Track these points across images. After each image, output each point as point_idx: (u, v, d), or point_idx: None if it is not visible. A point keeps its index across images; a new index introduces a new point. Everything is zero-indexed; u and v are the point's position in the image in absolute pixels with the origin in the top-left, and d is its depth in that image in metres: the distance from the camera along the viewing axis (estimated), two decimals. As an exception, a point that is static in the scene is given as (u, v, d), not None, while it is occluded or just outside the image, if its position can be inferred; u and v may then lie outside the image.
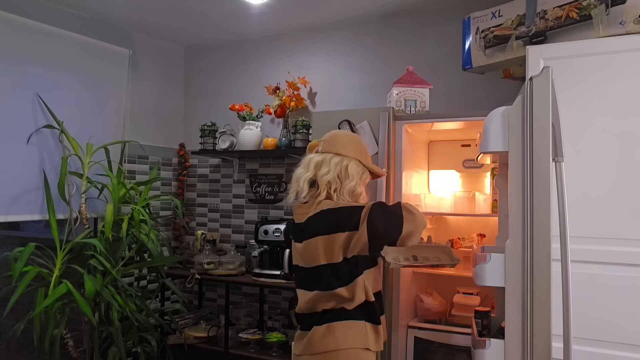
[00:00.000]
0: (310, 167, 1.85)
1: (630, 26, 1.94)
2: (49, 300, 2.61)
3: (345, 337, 1.72)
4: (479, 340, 1.77)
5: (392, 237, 1.71)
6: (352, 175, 1.81)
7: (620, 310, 1.89)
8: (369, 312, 1.77)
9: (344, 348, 1.71)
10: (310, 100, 3.64)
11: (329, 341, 1.72)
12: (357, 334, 1.73)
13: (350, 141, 1.88)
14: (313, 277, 1.80)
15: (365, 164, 1.87)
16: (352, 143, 1.87)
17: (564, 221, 1.59)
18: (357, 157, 1.85)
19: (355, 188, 1.82)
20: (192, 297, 4.04)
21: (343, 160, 1.82)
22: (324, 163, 1.82)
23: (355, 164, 1.84)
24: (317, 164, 1.83)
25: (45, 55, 3.10)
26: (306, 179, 1.83)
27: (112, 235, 3.00)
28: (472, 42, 2.47)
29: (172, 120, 4.10)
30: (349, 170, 1.81)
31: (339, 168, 1.81)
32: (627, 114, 1.93)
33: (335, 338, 1.72)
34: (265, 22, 3.53)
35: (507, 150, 1.68)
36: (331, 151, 1.84)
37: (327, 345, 1.72)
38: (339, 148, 1.84)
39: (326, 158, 1.83)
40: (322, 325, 1.75)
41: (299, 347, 1.81)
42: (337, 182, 1.80)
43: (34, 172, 3.02)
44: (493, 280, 1.70)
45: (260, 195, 3.81)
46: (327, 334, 1.73)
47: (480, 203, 2.85)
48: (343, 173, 1.81)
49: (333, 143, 1.86)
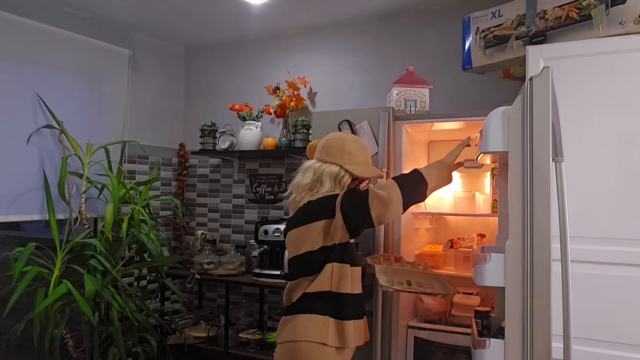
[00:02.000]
0: (300, 173, 1.97)
1: (630, 26, 1.94)
2: (49, 300, 2.61)
3: (301, 329, 1.78)
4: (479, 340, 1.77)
5: (364, 220, 1.77)
6: (325, 181, 1.89)
7: (620, 310, 1.89)
8: (336, 306, 1.80)
9: (298, 340, 1.77)
10: (310, 100, 3.64)
11: (287, 332, 1.81)
12: (314, 327, 1.77)
13: (335, 145, 1.93)
14: (292, 267, 1.91)
15: (347, 168, 1.90)
16: (336, 147, 1.93)
17: (564, 221, 1.59)
18: (338, 162, 1.90)
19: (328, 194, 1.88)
20: (192, 297, 4.04)
21: (322, 166, 1.91)
22: (309, 169, 1.94)
23: (333, 169, 1.90)
24: (304, 170, 1.96)
25: (45, 55, 3.10)
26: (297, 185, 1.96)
27: (112, 235, 3.00)
28: (472, 42, 2.47)
29: (172, 120, 4.10)
30: (323, 177, 1.89)
31: (317, 174, 1.91)
32: (627, 113, 1.93)
33: (294, 329, 1.79)
34: (265, 22, 3.53)
35: (507, 150, 1.68)
36: (318, 158, 1.96)
37: (286, 336, 1.81)
38: (324, 154, 1.94)
39: (313, 165, 1.94)
40: (288, 315, 1.85)
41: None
42: (316, 186, 1.90)
43: (34, 172, 3.02)
44: (493, 280, 1.70)
45: (260, 195, 3.81)
46: (288, 324, 1.82)
47: (480, 203, 2.85)
48: (319, 179, 1.90)
49: (320, 150, 1.97)
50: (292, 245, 1.90)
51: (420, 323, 2.68)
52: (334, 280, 1.80)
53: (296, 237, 1.87)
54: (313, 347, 1.75)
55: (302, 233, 1.84)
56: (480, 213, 2.82)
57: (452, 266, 2.87)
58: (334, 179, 1.90)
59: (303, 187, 1.92)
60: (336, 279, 1.81)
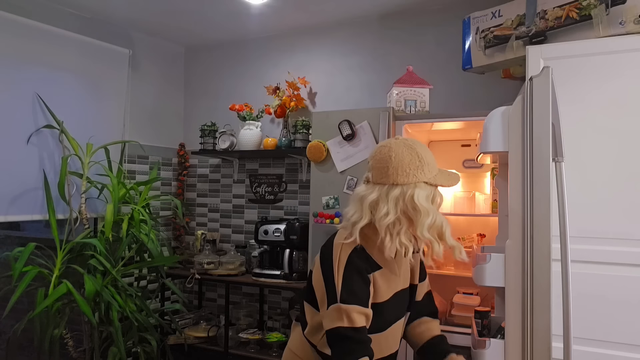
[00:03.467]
0: (364, 210, 1.44)
1: (630, 26, 1.94)
2: (49, 300, 2.61)
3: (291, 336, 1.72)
4: (479, 340, 1.77)
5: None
6: (424, 207, 1.39)
7: (620, 310, 1.89)
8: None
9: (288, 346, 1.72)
10: (310, 100, 3.64)
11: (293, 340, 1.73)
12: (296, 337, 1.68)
13: (409, 160, 1.43)
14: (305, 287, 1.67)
15: (433, 182, 1.45)
16: (411, 162, 1.42)
17: (564, 221, 1.59)
18: (421, 178, 1.42)
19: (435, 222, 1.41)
20: (192, 297, 4.04)
21: (404, 190, 1.41)
22: (381, 201, 1.42)
23: (421, 189, 1.42)
24: (372, 205, 1.43)
25: (45, 55, 3.10)
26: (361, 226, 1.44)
27: (112, 235, 3.00)
28: (472, 42, 2.47)
29: (172, 120, 4.10)
30: (416, 202, 1.39)
31: (401, 204, 1.41)
32: (628, 113, 1.93)
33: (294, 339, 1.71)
34: (265, 22, 3.53)
35: (507, 150, 1.68)
36: (386, 182, 1.43)
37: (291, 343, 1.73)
38: (396, 176, 1.41)
39: (382, 194, 1.42)
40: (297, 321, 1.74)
41: None
42: (401, 221, 1.42)
43: (34, 172, 3.02)
44: (493, 280, 1.70)
45: (260, 195, 3.81)
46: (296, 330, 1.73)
47: (480, 203, 2.85)
48: (410, 208, 1.40)
49: (385, 170, 1.43)
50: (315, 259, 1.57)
51: (420, 323, 2.68)
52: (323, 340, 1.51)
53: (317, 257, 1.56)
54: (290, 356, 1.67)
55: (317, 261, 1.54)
56: (480, 213, 2.82)
57: (452, 266, 2.87)
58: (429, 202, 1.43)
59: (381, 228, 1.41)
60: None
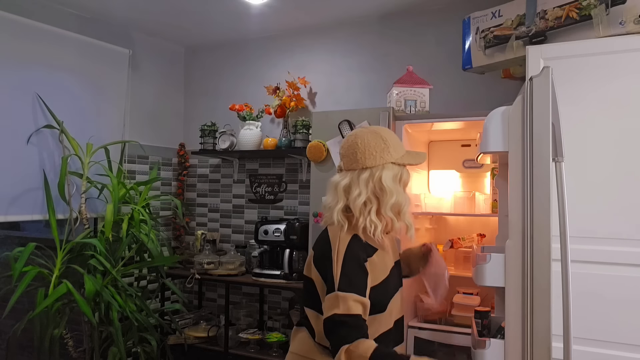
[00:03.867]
0: (339, 194, 1.55)
1: (630, 26, 1.94)
2: (49, 300, 2.61)
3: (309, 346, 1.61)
4: (479, 340, 1.77)
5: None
6: (390, 188, 1.52)
7: (620, 310, 1.89)
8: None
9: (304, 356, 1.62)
10: (310, 100, 3.64)
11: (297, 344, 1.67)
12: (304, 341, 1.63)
13: (374, 144, 1.55)
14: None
15: (400, 161, 1.57)
16: (376, 146, 1.55)
17: (564, 221, 1.59)
18: (388, 159, 1.54)
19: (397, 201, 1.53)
20: (192, 297, 4.04)
21: (373, 173, 1.53)
22: (353, 185, 1.53)
23: (389, 170, 1.54)
24: (345, 189, 1.55)
25: (45, 55, 3.10)
26: (339, 210, 1.54)
27: (112, 235, 3.00)
28: (472, 42, 2.47)
29: (172, 120, 4.10)
30: (384, 183, 1.52)
31: (371, 185, 1.53)
32: (628, 113, 1.93)
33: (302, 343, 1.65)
34: (265, 22, 3.53)
35: (507, 150, 1.68)
36: (355, 168, 1.55)
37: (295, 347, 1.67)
38: (364, 160, 1.54)
39: (353, 178, 1.54)
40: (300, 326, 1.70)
41: None
42: (372, 201, 1.53)
43: (34, 172, 3.02)
44: (493, 280, 1.70)
45: (260, 195, 3.81)
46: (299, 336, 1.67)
47: (480, 203, 2.85)
48: (378, 189, 1.53)
49: (354, 157, 1.56)
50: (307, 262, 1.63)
51: (420, 323, 2.68)
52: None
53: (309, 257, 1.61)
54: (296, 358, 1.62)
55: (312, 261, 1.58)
56: (480, 213, 2.82)
57: (452, 266, 2.87)
58: (395, 182, 1.55)
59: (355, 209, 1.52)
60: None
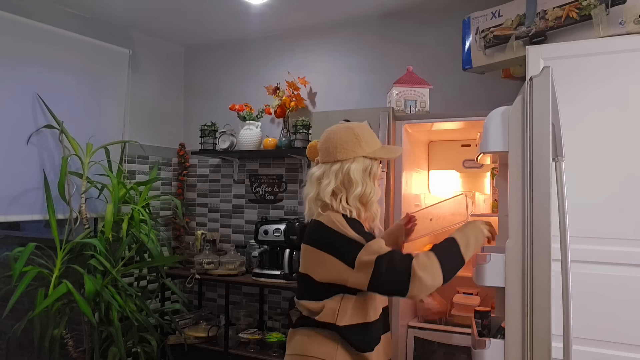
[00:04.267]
0: (313, 184, 1.69)
1: (630, 26, 1.94)
2: (49, 300, 2.61)
3: (309, 345, 1.63)
4: (479, 340, 1.77)
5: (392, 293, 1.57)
6: (356, 179, 1.63)
7: (620, 310, 1.89)
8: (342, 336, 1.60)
9: (305, 355, 1.63)
10: (310, 100, 3.64)
11: (296, 345, 1.68)
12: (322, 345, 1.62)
13: (347, 138, 1.66)
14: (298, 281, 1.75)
15: (372, 155, 1.67)
16: (348, 140, 1.66)
17: (564, 221, 1.59)
18: (359, 153, 1.65)
19: (364, 191, 1.65)
20: (192, 297, 4.04)
21: (343, 165, 1.64)
22: (325, 175, 1.66)
23: (358, 162, 1.65)
24: (318, 179, 1.68)
25: (45, 55, 3.10)
26: (312, 199, 1.68)
27: (112, 235, 3.00)
28: (472, 42, 2.47)
29: (172, 120, 4.10)
30: (351, 175, 1.63)
31: (340, 176, 1.64)
32: (628, 113, 1.93)
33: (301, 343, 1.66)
34: (265, 22, 3.53)
35: (507, 150, 1.68)
36: (328, 160, 1.68)
37: (295, 349, 1.68)
38: (337, 153, 1.66)
39: (326, 169, 1.67)
40: (295, 328, 1.70)
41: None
42: (341, 190, 1.65)
43: (34, 172, 3.02)
44: (493, 280, 1.70)
45: (260, 195, 3.81)
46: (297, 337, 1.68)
47: (480, 203, 2.84)
48: (346, 180, 1.64)
49: (327, 150, 1.68)
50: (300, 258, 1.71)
51: (420, 323, 2.68)
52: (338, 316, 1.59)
53: (302, 254, 1.68)
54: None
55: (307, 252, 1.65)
56: (480, 213, 2.82)
57: (452, 266, 2.86)
58: (364, 174, 1.65)
59: (324, 197, 1.64)
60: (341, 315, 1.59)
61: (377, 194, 1.69)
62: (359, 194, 1.64)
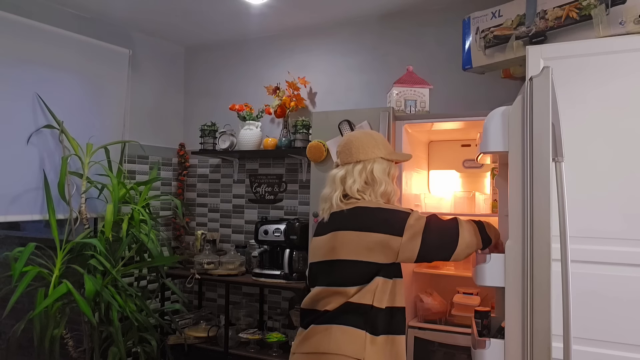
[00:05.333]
0: (336, 184, 1.80)
1: (630, 26, 1.94)
2: (49, 300, 2.61)
3: (338, 342, 1.64)
4: (479, 340, 1.77)
5: (442, 256, 1.71)
6: (380, 178, 1.77)
7: (620, 310, 1.89)
8: (374, 322, 1.66)
9: (334, 352, 1.63)
10: (310, 100, 3.64)
11: (322, 342, 1.66)
12: (352, 342, 1.64)
13: (366, 142, 1.81)
14: (326, 270, 1.75)
15: (389, 157, 1.83)
16: (368, 143, 1.81)
17: (564, 221, 1.59)
18: (378, 154, 1.80)
19: (386, 190, 1.78)
20: (192, 297, 4.04)
21: (365, 165, 1.78)
22: (348, 175, 1.78)
23: (379, 163, 1.79)
24: (342, 179, 1.79)
25: (45, 55, 3.10)
26: (337, 197, 1.78)
27: (112, 235, 3.00)
28: (472, 42, 2.47)
29: (172, 120, 4.10)
30: (374, 174, 1.77)
31: (364, 175, 1.77)
32: (628, 113, 1.92)
33: (329, 340, 1.65)
34: (265, 22, 3.53)
35: (507, 150, 1.68)
36: (350, 161, 1.80)
37: (319, 346, 1.66)
38: (358, 154, 1.79)
39: (348, 170, 1.79)
40: (320, 325, 1.69)
41: (295, 345, 1.77)
42: (366, 188, 1.78)
43: (34, 172, 3.02)
44: (493, 280, 1.70)
45: (260, 195, 3.81)
46: (322, 334, 1.67)
47: (480, 203, 2.85)
48: (370, 179, 1.77)
49: (349, 152, 1.81)
50: (331, 246, 1.73)
51: (420, 323, 2.68)
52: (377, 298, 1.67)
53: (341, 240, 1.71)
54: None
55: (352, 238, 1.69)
56: (480, 213, 2.82)
57: (452, 266, 2.87)
58: (384, 174, 1.79)
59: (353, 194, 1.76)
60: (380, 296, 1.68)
61: (396, 193, 1.83)
62: (383, 191, 1.77)
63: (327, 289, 1.72)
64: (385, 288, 1.70)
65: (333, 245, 1.72)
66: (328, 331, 1.67)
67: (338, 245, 1.71)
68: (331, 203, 1.78)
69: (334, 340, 1.65)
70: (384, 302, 1.69)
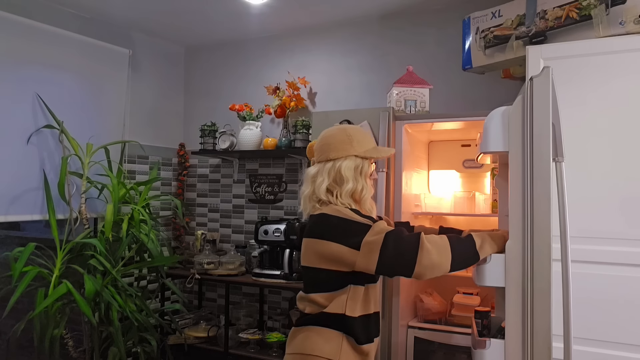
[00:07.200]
0: (308, 183, 1.77)
1: (630, 26, 1.94)
2: (49, 300, 2.61)
3: (313, 343, 1.65)
4: (479, 340, 1.77)
5: (400, 272, 1.61)
6: (347, 177, 1.70)
7: (620, 310, 1.89)
8: (349, 328, 1.65)
9: (309, 354, 1.64)
10: (310, 100, 3.64)
11: (298, 343, 1.69)
12: (327, 343, 1.64)
13: (340, 139, 1.74)
14: (303, 275, 1.78)
15: (363, 154, 1.74)
16: (341, 140, 1.74)
17: (564, 221, 1.59)
18: (350, 152, 1.72)
19: (355, 189, 1.72)
20: (192, 297, 4.04)
21: (335, 163, 1.72)
22: (319, 174, 1.74)
23: (349, 161, 1.72)
24: (313, 177, 1.76)
25: (45, 55, 3.10)
26: (307, 196, 1.76)
27: (112, 235, 3.00)
28: (472, 42, 2.47)
29: (172, 120, 4.10)
30: (342, 173, 1.70)
31: (332, 174, 1.71)
32: (628, 113, 1.93)
33: (304, 341, 1.67)
34: (265, 22, 3.53)
35: (507, 150, 1.68)
36: (322, 159, 1.75)
37: (297, 347, 1.69)
38: (329, 152, 1.73)
39: (320, 168, 1.75)
40: (299, 327, 1.72)
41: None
42: (334, 187, 1.72)
43: (34, 172, 3.02)
44: (493, 280, 1.70)
45: (260, 195, 3.81)
46: (300, 336, 1.69)
47: (480, 203, 2.85)
48: (338, 177, 1.71)
49: (322, 150, 1.76)
50: (303, 253, 1.74)
51: (420, 323, 2.68)
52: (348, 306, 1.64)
53: (305, 247, 1.72)
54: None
55: (311, 245, 1.68)
56: (480, 213, 2.82)
57: (452, 266, 2.86)
58: (355, 172, 1.72)
59: (319, 194, 1.71)
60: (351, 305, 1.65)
61: (369, 192, 1.76)
62: (350, 190, 1.71)
63: (302, 294, 1.75)
64: (357, 295, 1.66)
65: (304, 251, 1.74)
66: (303, 332, 1.70)
67: (304, 252, 1.73)
68: (303, 203, 1.78)
69: (308, 341, 1.66)
70: (356, 310, 1.66)
